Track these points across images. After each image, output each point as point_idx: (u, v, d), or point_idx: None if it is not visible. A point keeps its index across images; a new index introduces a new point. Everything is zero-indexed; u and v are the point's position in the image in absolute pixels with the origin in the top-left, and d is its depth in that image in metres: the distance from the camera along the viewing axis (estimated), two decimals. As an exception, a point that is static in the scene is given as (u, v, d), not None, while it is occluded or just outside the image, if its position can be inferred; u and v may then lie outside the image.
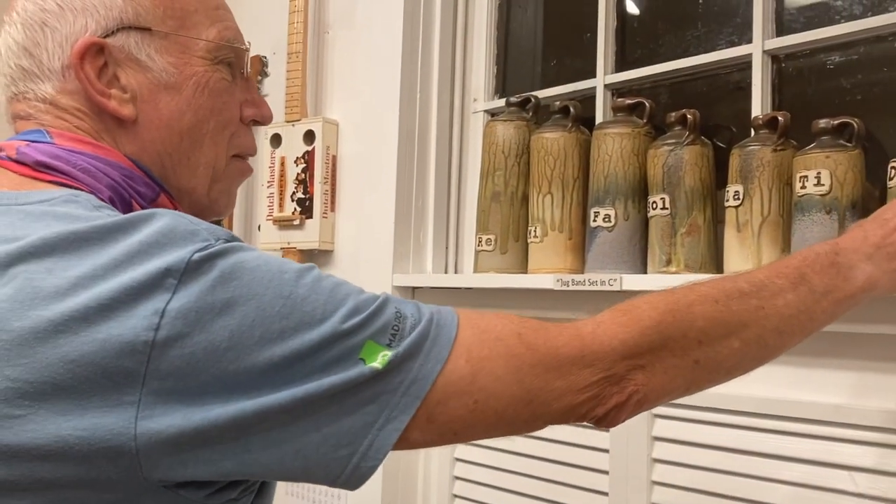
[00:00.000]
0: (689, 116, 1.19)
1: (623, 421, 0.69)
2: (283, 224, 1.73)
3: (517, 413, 0.65)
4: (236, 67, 0.77)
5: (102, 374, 0.54)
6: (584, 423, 0.70)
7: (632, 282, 1.19)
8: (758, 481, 1.10)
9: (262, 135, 1.82)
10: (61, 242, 0.58)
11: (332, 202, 1.71)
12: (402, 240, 1.59)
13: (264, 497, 0.70)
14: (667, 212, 1.18)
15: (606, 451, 1.26)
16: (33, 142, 0.68)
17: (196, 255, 0.57)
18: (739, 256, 1.11)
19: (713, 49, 1.30)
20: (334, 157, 1.72)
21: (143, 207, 0.69)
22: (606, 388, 0.66)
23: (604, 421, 0.68)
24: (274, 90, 1.87)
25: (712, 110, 1.36)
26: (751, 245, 1.11)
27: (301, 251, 1.72)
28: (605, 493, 1.26)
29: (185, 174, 0.75)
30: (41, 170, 0.66)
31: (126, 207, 0.68)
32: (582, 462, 1.30)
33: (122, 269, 0.56)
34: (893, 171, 0.99)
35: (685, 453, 1.18)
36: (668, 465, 1.20)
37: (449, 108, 1.64)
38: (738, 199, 1.12)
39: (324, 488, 1.68)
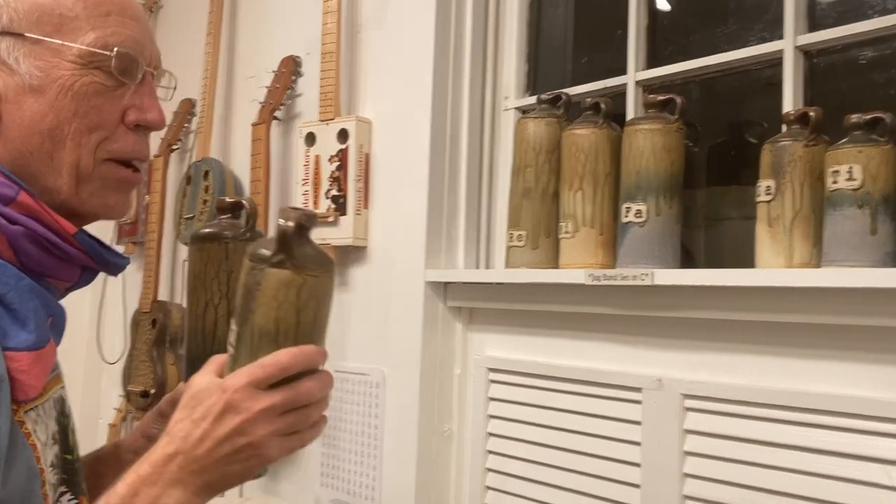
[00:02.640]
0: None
1: None
2: (318, 221, 1.76)
3: None
4: (124, 72, 0.78)
5: None
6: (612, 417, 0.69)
7: (664, 277, 1.21)
8: (791, 474, 1.11)
9: (297, 134, 1.85)
10: None
11: (366, 199, 1.74)
12: (434, 236, 1.61)
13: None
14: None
15: (638, 443, 1.27)
16: None
17: None
18: (771, 251, 1.12)
19: (744, 45, 1.31)
20: (367, 155, 1.74)
21: None
22: None
23: None
24: (308, 90, 1.90)
25: (743, 106, 1.37)
26: (782, 240, 1.11)
27: (336, 247, 1.75)
28: (637, 486, 1.27)
29: (48, 174, 0.76)
30: None
31: None
32: (614, 454, 1.31)
33: None
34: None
35: (717, 446, 1.19)
36: (701, 457, 1.21)
37: (480, 106, 1.66)
38: (770, 194, 1.13)
39: (357, 479, 1.71)
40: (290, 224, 0.72)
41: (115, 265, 0.82)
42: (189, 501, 0.71)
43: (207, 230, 0.82)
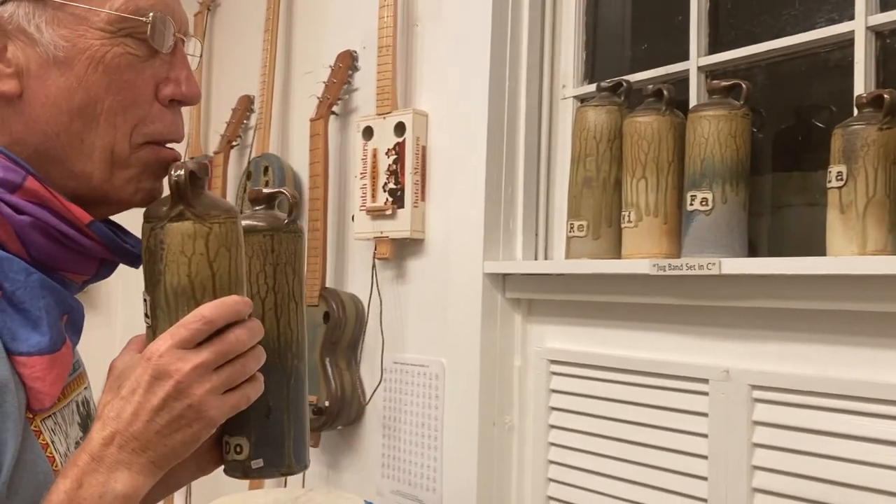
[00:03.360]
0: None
1: None
2: (376, 214, 1.77)
3: None
4: (162, 40, 0.69)
5: None
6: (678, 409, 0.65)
7: (731, 266, 1.18)
8: (863, 466, 1.08)
9: (355, 128, 1.87)
10: None
11: (423, 191, 1.74)
12: (491, 227, 1.61)
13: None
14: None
15: (705, 435, 1.25)
16: None
17: None
18: (843, 238, 1.09)
19: (811, 27, 1.28)
20: (424, 148, 1.75)
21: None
22: None
23: None
24: (365, 84, 1.91)
25: (810, 90, 1.33)
26: (855, 226, 1.08)
27: (393, 240, 1.76)
28: (704, 478, 1.26)
29: (78, 158, 0.68)
30: None
31: None
32: (679, 447, 1.29)
33: None
34: None
35: (787, 438, 1.16)
36: (770, 449, 1.18)
37: (538, 96, 1.65)
38: (842, 179, 1.10)
39: (419, 470, 1.72)
40: (181, 173, 0.67)
41: (138, 257, 0.73)
42: (137, 482, 0.64)
43: (248, 222, 0.76)
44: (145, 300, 0.70)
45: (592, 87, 1.52)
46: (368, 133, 1.81)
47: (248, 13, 2.42)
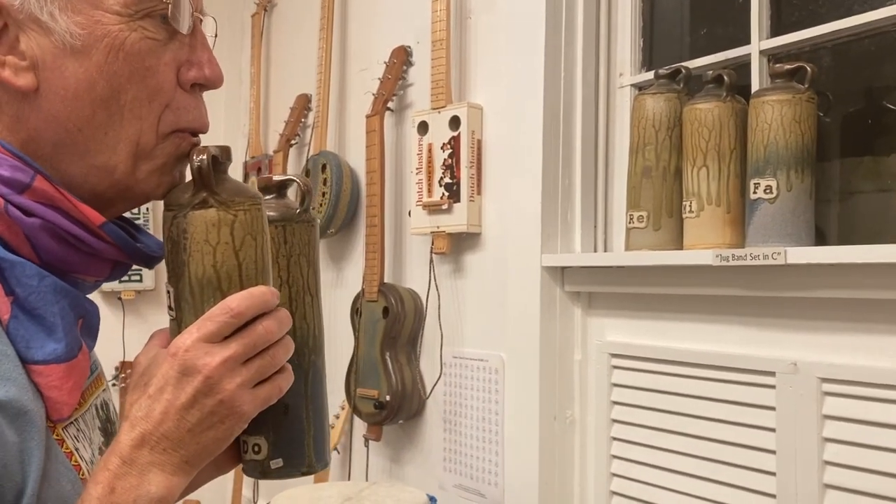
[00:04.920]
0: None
1: None
2: (433, 209, 1.77)
3: None
4: (181, 20, 0.65)
5: None
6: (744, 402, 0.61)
7: (797, 255, 1.15)
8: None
9: (410, 123, 1.87)
10: None
11: (479, 185, 1.74)
12: (549, 220, 1.59)
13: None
14: None
15: (773, 429, 1.22)
16: None
17: None
18: (918, 224, 1.05)
19: (880, 6, 1.22)
20: (479, 142, 1.74)
21: (3, 197, 0.61)
22: None
23: None
24: (419, 79, 1.91)
25: (880, 71, 1.28)
26: (930, 212, 1.04)
27: (450, 234, 1.76)
28: (773, 473, 1.22)
29: (101, 151, 0.64)
30: None
31: None
32: (747, 441, 1.26)
33: None
34: None
35: (860, 432, 1.12)
36: (841, 444, 1.15)
37: (594, 85, 1.62)
38: (915, 163, 1.05)
39: (480, 464, 1.72)
40: (204, 158, 0.64)
41: (152, 258, 0.71)
42: (171, 483, 0.62)
43: None
44: (168, 292, 0.67)
45: (650, 75, 1.49)
46: (423, 128, 1.81)
47: (303, 12, 2.44)
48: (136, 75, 0.63)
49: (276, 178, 0.75)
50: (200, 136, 0.71)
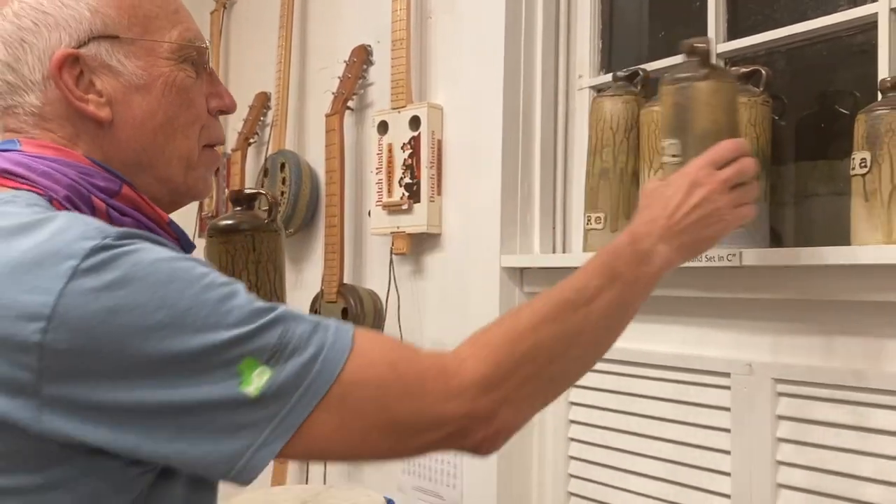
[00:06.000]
0: (698, 46, 1.07)
1: (496, 450, 0.74)
2: (392, 209, 1.76)
3: (382, 436, 0.69)
4: (199, 64, 0.83)
5: (7, 365, 0.61)
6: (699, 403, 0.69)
7: (753, 257, 1.16)
8: (891, 461, 1.05)
9: (370, 123, 1.86)
10: None
11: (439, 186, 1.73)
12: (508, 221, 1.59)
13: (201, 484, 0.75)
14: (678, 160, 1.06)
15: (728, 430, 1.23)
16: (3, 151, 0.75)
17: (84, 263, 0.62)
18: (868, 226, 1.06)
19: (833, 11, 1.24)
20: (440, 142, 1.73)
21: (104, 201, 0.75)
22: (472, 423, 0.71)
23: (477, 451, 0.73)
24: (379, 78, 1.90)
25: (834, 75, 1.30)
26: (880, 214, 1.05)
27: (410, 235, 1.75)
28: (728, 474, 1.23)
29: (161, 166, 0.80)
30: (5, 176, 0.73)
31: (86, 203, 0.73)
32: (702, 442, 1.27)
33: (18, 271, 0.63)
34: None
35: (813, 432, 1.14)
36: (795, 444, 1.16)
37: (553, 87, 1.62)
38: (865, 166, 1.07)
39: (439, 466, 1.71)
40: (705, 45, 0.98)
41: (192, 248, 0.86)
42: (670, 256, 0.88)
43: (230, 222, 0.83)
44: (671, 143, 0.99)
45: (609, 77, 1.49)
46: (384, 128, 1.79)
47: (263, 10, 2.41)
48: (183, 105, 0.80)
49: (247, 191, 0.91)
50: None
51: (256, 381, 0.63)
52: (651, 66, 1.44)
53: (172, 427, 0.63)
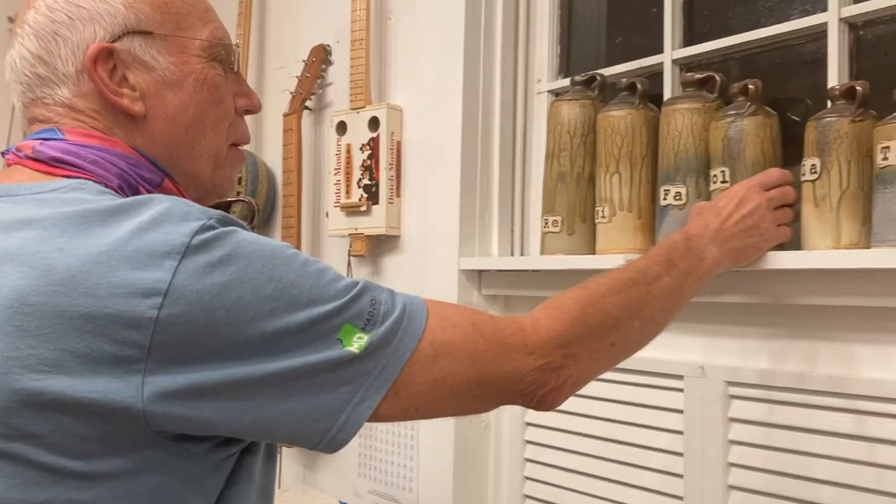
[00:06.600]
0: (750, 87, 1.15)
1: (561, 403, 0.81)
2: (351, 210, 1.75)
3: (469, 391, 0.75)
4: (227, 63, 0.84)
5: (112, 345, 0.62)
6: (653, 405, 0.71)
7: (704, 260, 1.17)
8: (840, 463, 1.07)
9: (328, 123, 1.84)
10: (70, 222, 0.65)
11: (398, 187, 1.72)
12: (467, 223, 1.59)
13: (270, 455, 0.79)
14: (727, 185, 1.14)
15: (681, 432, 1.24)
16: (47, 140, 0.75)
17: (194, 239, 0.64)
18: (818, 232, 1.08)
19: (786, 19, 1.26)
20: (399, 143, 1.72)
21: (148, 192, 0.75)
22: (545, 375, 0.78)
23: (544, 402, 0.80)
24: (338, 78, 1.88)
25: (786, 83, 1.32)
26: (829, 220, 1.07)
27: (368, 237, 1.74)
28: (680, 475, 1.24)
29: (190, 162, 0.81)
30: (55, 165, 0.73)
31: (133, 192, 0.74)
32: (655, 444, 1.28)
33: (126, 251, 0.63)
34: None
35: (764, 434, 1.15)
36: (746, 446, 1.17)
37: (512, 90, 1.63)
38: (815, 172, 1.08)
39: (395, 469, 1.70)
40: (755, 86, 1.13)
41: None
42: (719, 257, 0.99)
43: None
44: (721, 172, 1.13)
45: (567, 82, 1.50)
46: (342, 128, 1.78)
47: (220, 8, 2.36)
48: (213, 102, 0.81)
49: (229, 198, 0.91)
50: None
51: (357, 343, 0.68)
52: (608, 70, 1.45)
53: (278, 395, 0.66)
